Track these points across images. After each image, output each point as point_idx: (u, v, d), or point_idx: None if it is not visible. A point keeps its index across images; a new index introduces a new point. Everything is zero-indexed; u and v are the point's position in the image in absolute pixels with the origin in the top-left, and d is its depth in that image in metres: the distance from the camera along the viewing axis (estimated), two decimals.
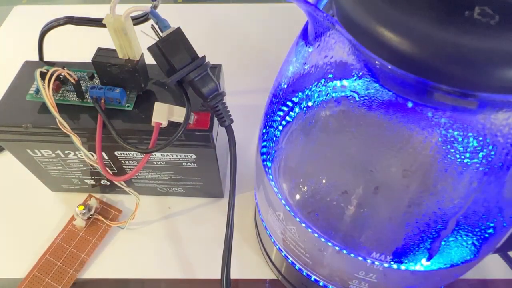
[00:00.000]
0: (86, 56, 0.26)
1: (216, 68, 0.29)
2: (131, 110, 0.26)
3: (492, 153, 0.15)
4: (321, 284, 0.23)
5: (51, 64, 0.28)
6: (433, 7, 0.12)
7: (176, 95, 0.27)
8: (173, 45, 0.22)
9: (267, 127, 0.21)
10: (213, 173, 0.30)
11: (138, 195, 0.30)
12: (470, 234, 0.18)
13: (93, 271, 0.30)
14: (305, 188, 0.21)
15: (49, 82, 0.25)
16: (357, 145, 0.19)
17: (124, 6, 0.22)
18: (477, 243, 0.18)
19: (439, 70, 0.12)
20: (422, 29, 0.12)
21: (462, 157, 0.16)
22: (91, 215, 0.32)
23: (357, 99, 0.17)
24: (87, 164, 0.30)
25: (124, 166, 0.30)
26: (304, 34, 0.18)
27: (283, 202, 0.20)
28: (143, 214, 0.33)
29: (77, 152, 0.28)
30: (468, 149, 0.16)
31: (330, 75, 0.17)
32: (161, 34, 0.23)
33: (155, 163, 0.29)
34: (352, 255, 0.19)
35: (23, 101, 0.27)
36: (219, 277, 0.26)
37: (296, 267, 0.24)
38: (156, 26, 0.23)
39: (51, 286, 0.29)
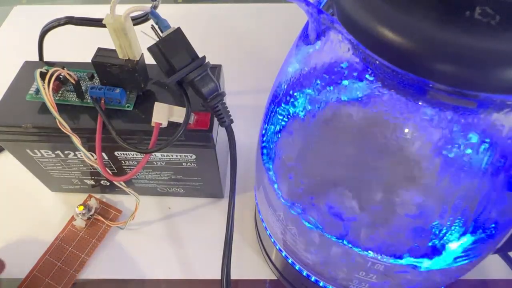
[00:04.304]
0: (86, 56, 0.26)
1: (216, 68, 0.29)
2: (131, 110, 0.26)
3: (493, 153, 0.15)
4: (321, 284, 0.23)
5: (51, 64, 0.28)
6: (433, 7, 0.12)
7: (176, 95, 0.27)
8: (173, 45, 0.22)
9: (267, 127, 0.21)
10: (213, 173, 0.30)
11: (138, 196, 0.30)
12: (470, 234, 0.18)
13: (93, 271, 0.30)
14: (305, 188, 0.21)
15: (49, 82, 0.25)
16: (358, 145, 0.19)
17: (124, 6, 0.22)
18: (477, 243, 0.18)
19: (439, 70, 0.12)
20: (422, 29, 0.12)
21: (463, 157, 0.16)
22: (91, 215, 0.32)
23: (358, 99, 0.17)
24: (87, 164, 0.30)
25: (124, 166, 0.30)
26: (304, 34, 0.18)
27: (283, 202, 0.20)
28: (143, 214, 0.33)
29: (77, 153, 0.28)
30: (469, 149, 0.16)
31: (331, 75, 0.17)
32: (161, 34, 0.23)
33: (155, 163, 0.29)
34: (353, 254, 0.19)
35: (23, 101, 0.27)
36: (219, 277, 0.26)
37: (296, 268, 0.24)
38: (156, 26, 0.23)
39: (51, 286, 0.29)
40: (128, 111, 0.26)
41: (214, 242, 0.31)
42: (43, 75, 0.25)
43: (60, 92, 0.27)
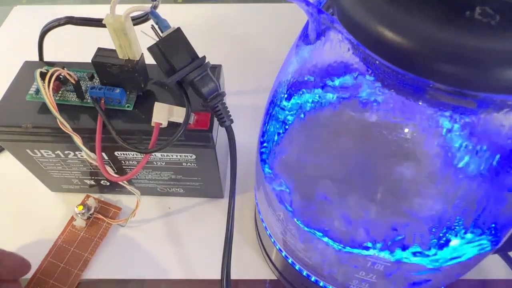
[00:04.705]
0: (86, 56, 0.26)
1: (216, 68, 0.29)
2: (131, 110, 0.26)
3: (493, 153, 0.15)
4: (321, 284, 0.23)
5: (51, 64, 0.28)
6: (434, 7, 0.12)
7: (176, 95, 0.27)
8: (173, 45, 0.22)
9: (267, 127, 0.21)
10: (213, 173, 0.30)
11: (138, 193, 0.29)
12: (470, 234, 0.18)
13: (93, 272, 0.30)
14: (305, 188, 0.21)
15: (49, 82, 0.24)
16: (358, 145, 0.19)
17: (124, 6, 0.22)
18: (477, 243, 0.18)
19: (439, 70, 0.12)
20: (423, 29, 0.12)
21: (463, 157, 0.16)
22: (90, 214, 0.32)
23: (358, 99, 0.17)
24: (87, 164, 0.30)
25: (124, 167, 0.30)
26: (304, 34, 0.18)
27: (283, 202, 0.20)
28: (143, 215, 0.33)
29: (77, 153, 0.28)
30: (469, 149, 0.16)
31: (331, 75, 0.17)
32: (161, 34, 0.23)
33: (155, 163, 0.29)
34: (353, 254, 0.19)
35: (23, 101, 0.27)
36: (219, 277, 0.26)
37: (296, 268, 0.24)
38: (156, 26, 0.23)
39: (56, 287, 0.29)
40: (128, 111, 0.26)
41: (214, 242, 0.31)
42: (43, 75, 0.25)
43: (60, 92, 0.27)
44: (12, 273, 0.27)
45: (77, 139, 0.25)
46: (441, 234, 0.18)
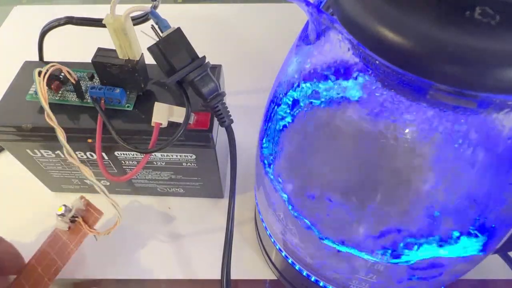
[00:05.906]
0: (86, 56, 0.26)
1: (216, 68, 0.29)
2: (131, 110, 0.26)
3: (493, 153, 0.15)
4: (321, 284, 0.23)
5: None
6: (434, 7, 0.12)
7: (176, 95, 0.27)
8: (173, 45, 0.22)
9: (267, 127, 0.21)
10: (213, 173, 0.30)
11: (120, 209, 0.27)
12: (470, 234, 0.18)
13: (93, 272, 0.30)
14: (306, 188, 0.21)
15: (44, 75, 0.24)
16: (358, 145, 0.19)
17: (124, 6, 0.22)
18: (477, 243, 0.18)
19: (439, 70, 0.12)
20: (422, 29, 0.12)
21: (463, 157, 0.16)
22: (73, 217, 0.28)
23: (358, 99, 0.17)
24: (87, 164, 0.30)
25: (124, 167, 0.30)
26: (304, 34, 0.18)
27: (284, 202, 0.20)
28: (143, 214, 0.33)
29: (77, 152, 0.28)
30: (469, 149, 0.16)
31: (331, 75, 0.17)
32: (161, 34, 0.23)
33: (155, 163, 0.29)
34: (353, 254, 0.19)
35: (23, 101, 0.27)
36: (219, 277, 0.26)
37: (296, 268, 0.24)
38: (156, 26, 0.23)
39: None
40: (128, 111, 0.26)
41: (214, 242, 0.31)
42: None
43: (60, 92, 0.27)
44: (7, 267, 0.27)
45: (60, 134, 0.24)
46: (441, 235, 0.18)
